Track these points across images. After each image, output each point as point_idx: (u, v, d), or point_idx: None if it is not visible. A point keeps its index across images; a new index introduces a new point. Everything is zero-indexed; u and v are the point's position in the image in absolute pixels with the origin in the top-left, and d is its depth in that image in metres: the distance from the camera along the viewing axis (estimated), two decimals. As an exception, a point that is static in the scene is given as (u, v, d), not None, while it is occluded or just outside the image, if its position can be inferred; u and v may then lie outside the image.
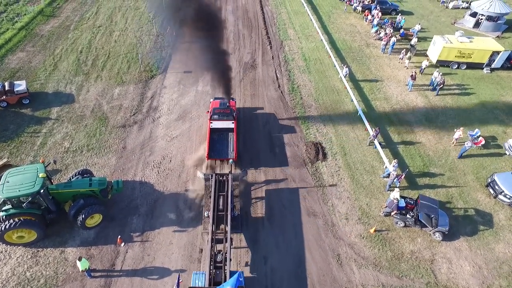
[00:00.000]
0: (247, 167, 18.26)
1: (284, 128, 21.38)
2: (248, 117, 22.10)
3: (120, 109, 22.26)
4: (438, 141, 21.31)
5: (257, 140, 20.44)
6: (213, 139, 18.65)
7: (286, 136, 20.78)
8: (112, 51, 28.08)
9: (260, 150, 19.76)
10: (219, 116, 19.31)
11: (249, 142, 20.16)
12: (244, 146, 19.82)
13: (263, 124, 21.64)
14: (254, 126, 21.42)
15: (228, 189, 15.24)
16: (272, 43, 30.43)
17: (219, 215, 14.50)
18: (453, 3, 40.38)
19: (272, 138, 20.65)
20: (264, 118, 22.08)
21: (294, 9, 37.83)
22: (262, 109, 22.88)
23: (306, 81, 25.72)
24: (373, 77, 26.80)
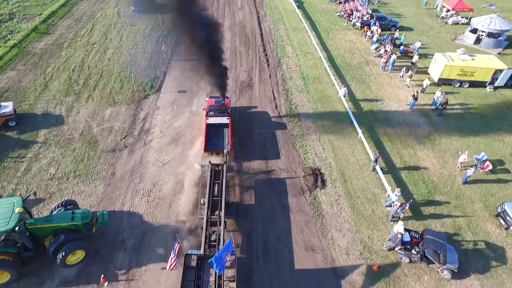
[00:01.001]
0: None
1: (281, 153, 20.43)
2: (244, 139, 21.17)
3: (110, 132, 21.35)
4: (443, 165, 20.33)
5: (254, 167, 19.46)
6: (209, 133, 19.75)
7: (283, 161, 19.81)
8: (105, 69, 27.35)
9: (256, 177, 18.77)
10: (214, 112, 20.45)
11: (245, 168, 19.18)
12: (240, 172, 18.86)
13: (260, 148, 20.69)
14: (250, 151, 20.46)
15: (223, 177, 16.17)
16: (269, 61, 29.74)
17: (214, 200, 15.39)
18: (452, 19, 39.93)
19: (268, 163, 19.67)
20: (261, 142, 21.15)
21: (292, 25, 37.34)
22: (259, 131, 21.97)
23: (305, 101, 24.90)
24: (373, 96, 25.99)
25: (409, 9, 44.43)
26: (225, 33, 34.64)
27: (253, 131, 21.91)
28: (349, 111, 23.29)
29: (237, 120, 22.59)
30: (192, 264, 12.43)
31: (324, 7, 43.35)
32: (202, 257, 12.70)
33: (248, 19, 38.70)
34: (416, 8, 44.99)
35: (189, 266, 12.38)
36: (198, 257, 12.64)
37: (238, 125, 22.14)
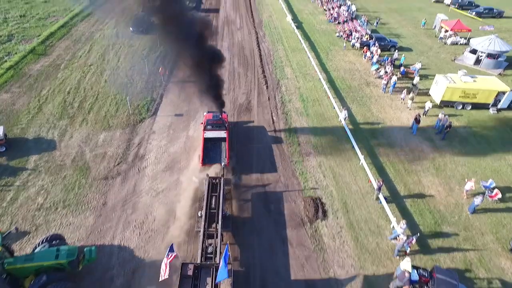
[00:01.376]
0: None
1: (280, 181, 19.62)
2: (241, 166, 20.39)
3: (103, 158, 20.60)
4: (449, 193, 19.49)
5: (251, 195, 18.63)
6: (206, 147, 19.73)
7: (282, 190, 18.98)
8: (101, 92, 26.86)
9: (253, 207, 17.91)
10: (212, 126, 20.49)
11: (242, 197, 18.35)
12: (236, 202, 18.03)
13: (257, 176, 19.89)
14: (247, 178, 19.67)
15: (220, 190, 16.21)
16: (268, 83, 29.32)
17: (211, 213, 15.42)
18: (451, 39, 39.86)
19: (267, 192, 18.85)
20: (259, 169, 20.37)
21: (292, 45, 37.19)
22: (257, 157, 21.22)
23: (304, 125, 24.26)
24: (374, 119, 25.38)
25: (408, 30, 44.51)
26: (224, 54, 34.36)
27: (251, 157, 21.18)
28: (350, 135, 22.63)
29: (235, 142, 21.89)
30: (188, 273, 12.41)
31: (323, 28, 43.40)
32: (198, 267, 12.73)
33: (247, 39, 38.61)
34: (414, 28, 45.09)
35: (185, 275, 12.35)
36: (195, 267, 12.64)
37: (236, 150, 21.42)
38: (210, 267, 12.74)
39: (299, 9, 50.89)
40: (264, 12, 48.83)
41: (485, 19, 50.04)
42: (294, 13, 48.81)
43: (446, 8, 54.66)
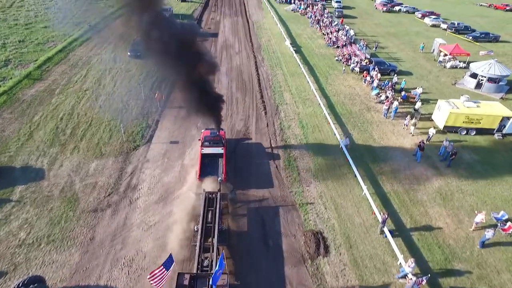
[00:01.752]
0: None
1: (279, 213, 18.56)
2: (238, 197, 19.38)
3: (94, 188, 19.61)
4: (458, 225, 18.40)
5: (248, 229, 17.53)
6: (204, 163, 19.90)
7: (281, 223, 17.89)
8: (95, 117, 26.18)
9: (250, 243, 16.76)
10: (209, 143, 20.59)
11: (238, 231, 17.25)
12: (233, 237, 16.90)
13: (255, 207, 18.85)
14: (244, 210, 18.62)
15: (217, 205, 16.29)
16: (267, 108, 28.72)
17: (208, 227, 15.45)
18: (450, 63, 39.76)
19: (265, 226, 17.75)
20: (257, 200, 19.35)
21: (291, 70, 36.96)
22: (254, 187, 20.24)
23: (304, 152, 23.42)
24: (377, 146, 24.59)
25: (407, 53, 44.56)
26: (222, 79, 34.11)
27: (249, 186, 20.20)
28: (352, 164, 21.73)
29: (232, 173, 20.96)
30: (184, 283, 12.45)
31: (322, 52, 43.43)
32: (194, 277, 12.85)
33: (245, 64, 38.45)
34: (413, 52, 45.16)
35: (181, 285, 12.37)
36: (191, 277, 12.72)
37: (234, 178, 20.45)
38: (206, 277, 12.76)
39: (297, 33, 51.27)
40: (263, 36, 49.12)
41: (481, 43, 50.34)
42: (292, 37, 49.10)
43: (443, 33, 55.19)
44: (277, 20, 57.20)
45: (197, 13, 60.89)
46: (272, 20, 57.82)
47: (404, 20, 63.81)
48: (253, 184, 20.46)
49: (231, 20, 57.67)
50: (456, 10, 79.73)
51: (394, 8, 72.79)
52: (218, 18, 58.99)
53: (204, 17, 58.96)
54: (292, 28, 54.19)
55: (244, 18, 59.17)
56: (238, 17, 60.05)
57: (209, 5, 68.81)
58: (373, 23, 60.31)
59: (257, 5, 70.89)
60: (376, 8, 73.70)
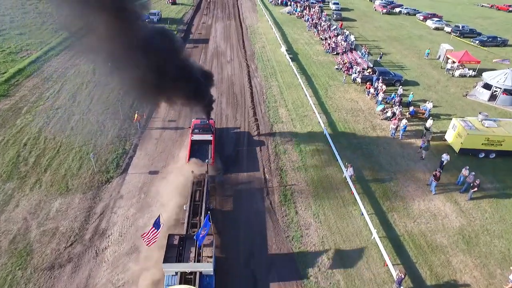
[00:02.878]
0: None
1: (274, 265, 15.45)
2: (225, 243, 16.28)
3: (53, 236, 16.41)
4: (489, 280, 15.39)
5: (237, 285, 14.46)
6: (193, 149, 20.73)
7: (276, 280, 14.80)
8: (65, 142, 22.96)
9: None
10: (199, 130, 21.87)
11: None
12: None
13: (246, 258, 15.75)
14: (231, 259, 15.53)
15: (204, 184, 17.20)
16: (260, 128, 25.60)
17: (196, 205, 16.40)
18: (459, 71, 36.86)
19: (256, 283, 14.67)
20: (247, 248, 16.24)
21: (287, 81, 33.87)
22: (245, 230, 17.15)
23: (302, 184, 20.34)
24: (385, 174, 21.56)
25: (411, 60, 41.63)
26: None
27: (237, 229, 17.11)
28: (359, 200, 18.63)
29: (217, 213, 17.86)
30: (174, 242, 13.63)
31: (321, 59, 40.39)
32: (183, 238, 14.01)
33: (237, 74, 35.32)
34: (418, 59, 42.24)
35: (171, 245, 13.53)
36: (180, 237, 13.92)
37: (218, 220, 17.35)
38: (193, 240, 13.48)
39: (294, 38, 48.19)
40: (257, 42, 45.99)
41: (489, 48, 47.54)
42: (288, 43, 46.04)
43: (446, 36, 52.40)
44: (272, 23, 54.13)
45: (188, 16, 57.70)
46: (266, 24, 54.71)
47: (406, 23, 60.93)
48: (242, 223, 17.39)
49: (223, 24, 54.49)
50: (457, 11, 77.10)
51: (394, 10, 69.96)
52: (209, 22, 55.79)
53: (195, 21, 55.76)
54: (288, 32, 51.11)
55: (237, 22, 56.02)
56: (231, 21, 56.88)
57: (201, 7, 65.60)
58: (374, 26, 57.37)
59: (251, 8, 67.74)
60: (375, 9, 70.81)
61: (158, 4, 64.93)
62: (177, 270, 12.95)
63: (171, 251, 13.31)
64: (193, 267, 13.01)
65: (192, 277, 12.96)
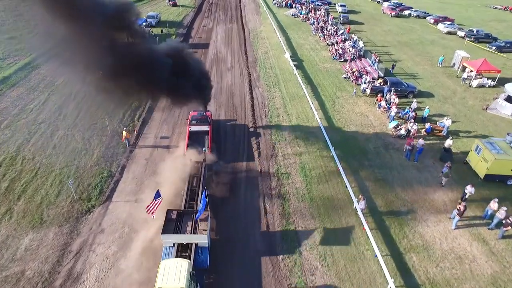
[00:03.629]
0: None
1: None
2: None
3: (16, 284, 14.16)
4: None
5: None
6: (191, 139, 21.21)
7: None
8: (44, 164, 20.76)
9: None
10: (196, 121, 22.44)
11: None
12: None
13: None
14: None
15: (202, 172, 17.72)
16: (261, 147, 23.24)
17: (193, 190, 17.07)
18: (477, 81, 34.21)
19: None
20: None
21: (291, 91, 31.45)
22: (241, 274, 14.80)
23: (307, 217, 17.92)
24: (400, 204, 19.10)
25: (424, 68, 39.03)
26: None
27: (231, 281, 14.77)
28: (373, 241, 16.11)
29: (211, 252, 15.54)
30: (172, 217, 14.68)
31: (327, 67, 37.92)
32: (181, 213, 15.11)
33: (238, 83, 32.97)
34: (431, 66, 39.63)
35: (170, 219, 14.56)
36: (178, 212, 14.96)
37: (212, 261, 15.03)
38: (191, 214, 15.02)
39: (298, 43, 45.72)
40: (260, 47, 43.59)
41: (507, 54, 44.79)
42: (293, 48, 43.61)
43: (460, 41, 49.72)
44: (275, 27, 51.74)
45: (188, 19, 55.46)
46: (270, 27, 52.31)
47: (416, 27, 58.23)
48: (238, 266, 15.03)
49: (224, 28, 52.17)
50: (469, 13, 74.21)
51: (403, 13, 67.19)
52: (210, 25, 53.51)
53: (196, 24, 53.54)
54: (293, 36, 48.67)
55: (239, 25, 53.69)
56: (233, 24, 54.55)
57: (202, 10, 63.34)
58: (382, 30, 54.75)
59: (254, 10, 65.36)
60: (383, 12, 68.14)
61: (158, 6, 62.86)
62: (175, 241, 13.95)
63: (169, 224, 14.33)
64: (189, 238, 13.96)
65: (187, 255, 13.58)
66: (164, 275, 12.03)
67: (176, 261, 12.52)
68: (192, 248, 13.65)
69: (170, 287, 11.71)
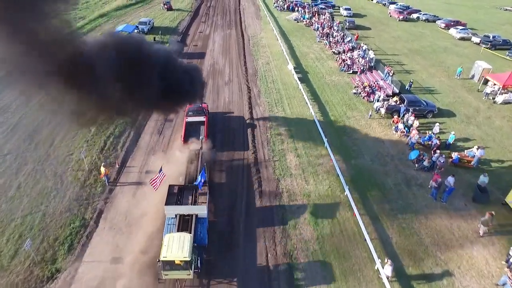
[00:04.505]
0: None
1: None
2: None
3: None
4: None
5: None
6: (188, 129, 22.21)
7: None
8: (4, 210, 17.44)
9: None
10: (193, 113, 23.45)
11: None
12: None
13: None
14: None
15: (199, 159, 18.41)
16: (263, 185, 19.84)
17: (190, 175, 17.59)
18: (502, 97, 30.78)
19: None
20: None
21: (296, 111, 28.02)
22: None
23: (319, 279, 14.58)
24: (433, 263, 15.70)
25: (440, 80, 35.61)
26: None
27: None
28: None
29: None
30: (174, 191, 15.94)
31: (335, 80, 34.51)
32: (182, 188, 16.38)
33: (236, 101, 29.58)
34: (448, 78, 36.20)
35: (172, 193, 15.78)
36: (179, 188, 16.30)
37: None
38: (192, 189, 16.25)
39: (302, 52, 42.29)
40: (260, 56, 40.17)
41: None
42: (296, 58, 40.20)
43: (475, 48, 46.33)
44: (277, 33, 48.33)
45: (184, 24, 52.05)
46: (271, 34, 48.89)
47: (426, 32, 54.78)
48: None
49: (222, 34, 48.76)
50: (479, 16, 70.67)
51: (412, 16, 63.70)
52: (207, 31, 50.12)
53: (192, 30, 50.17)
54: (296, 44, 45.25)
55: (238, 31, 50.24)
56: (231, 30, 51.13)
57: (199, 14, 59.91)
58: (391, 36, 51.32)
59: (254, 14, 61.91)
60: (390, 15, 64.65)
61: (152, 10, 59.48)
62: (176, 212, 15.09)
63: (171, 197, 15.53)
64: (189, 209, 15.13)
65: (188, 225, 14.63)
66: (169, 246, 13.01)
67: (179, 234, 13.55)
68: (192, 225, 14.55)
69: (174, 257, 12.69)
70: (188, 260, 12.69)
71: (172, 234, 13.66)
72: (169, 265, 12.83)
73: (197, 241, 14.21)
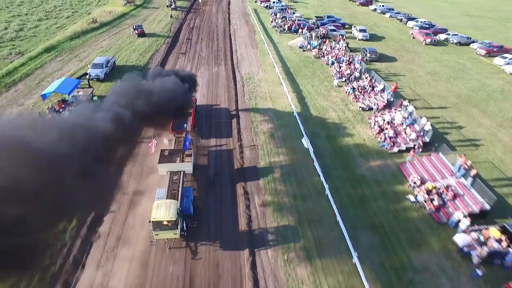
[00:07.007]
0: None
1: None
2: None
3: None
4: None
5: None
6: (175, 120, 22.71)
7: None
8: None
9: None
10: None
11: None
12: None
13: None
14: None
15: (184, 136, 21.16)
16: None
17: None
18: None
19: None
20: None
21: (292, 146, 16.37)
22: None
23: None
24: None
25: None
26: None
27: None
28: None
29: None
30: (165, 154, 19.91)
31: (375, 168, 22.71)
32: (172, 152, 20.24)
33: (224, 155, 17.75)
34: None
35: (163, 155, 19.75)
36: (169, 151, 20.21)
37: None
38: (179, 152, 20.22)
39: (319, 108, 30.35)
40: (261, 122, 28.05)
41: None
42: (312, 117, 28.43)
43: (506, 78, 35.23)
44: (280, 72, 36.53)
45: (157, 58, 39.83)
46: (272, 73, 37.03)
47: (465, 63, 43.48)
48: None
49: (208, 74, 36.79)
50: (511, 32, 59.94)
51: (438, 36, 52.46)
52: (188, 68, 38.02)
53: (168, 67, 37.93)
54: (308, 91, 33.49)
55: (228, 69, 38.27)
56: (219, 66, 39.14)
57: (179, 40, 47.66)
58: (425, 71, 39.84)
59: (248, 37, 49.84)
60: (413, 37, 53.27)
61: (119, 36, 46.97)
62: (167, 169, 19.10)
63: (163, 158, 19.49)
64: (178, 166, 19.18)
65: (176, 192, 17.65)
66: (158, 209, 15.45)
67: (166, 201, 16.13)
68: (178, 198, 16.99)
69: (162, 218, 15.15)
70: (174, 220, 15.13)
71: (160, 200, 16.20)
72: (159, 226, 15.17)
73: (184, 210, 16.67)
